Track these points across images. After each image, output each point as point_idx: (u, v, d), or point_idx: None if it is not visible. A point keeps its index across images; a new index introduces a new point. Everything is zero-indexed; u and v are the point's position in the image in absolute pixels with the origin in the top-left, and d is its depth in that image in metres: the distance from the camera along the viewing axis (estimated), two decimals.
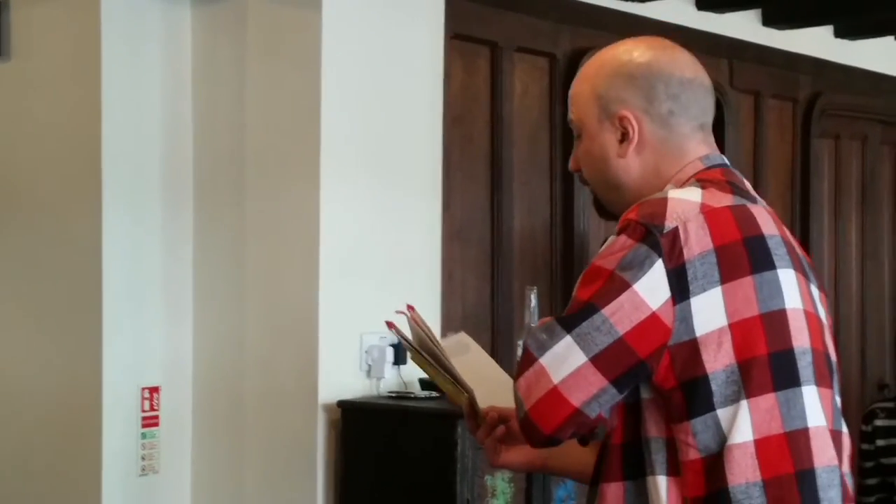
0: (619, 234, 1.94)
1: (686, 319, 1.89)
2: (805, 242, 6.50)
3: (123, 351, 4.26)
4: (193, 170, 4.45)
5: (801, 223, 6.51)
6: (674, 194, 1.96)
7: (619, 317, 1.88)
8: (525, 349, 1.96)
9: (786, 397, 1.91)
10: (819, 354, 1.98)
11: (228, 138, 4.39)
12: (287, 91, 4.28)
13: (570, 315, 1.92)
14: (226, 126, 4.39)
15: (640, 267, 1.89)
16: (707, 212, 1.93)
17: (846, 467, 2.00)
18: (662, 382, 1.91)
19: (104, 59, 4.17)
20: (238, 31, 4.36)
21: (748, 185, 2.08)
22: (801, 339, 1.94)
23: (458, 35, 4.70)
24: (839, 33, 6.55)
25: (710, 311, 1.89)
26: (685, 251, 1.89)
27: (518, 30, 5.00)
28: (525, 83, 5.06)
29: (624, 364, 1.89)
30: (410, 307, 2.30)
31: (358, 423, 4.21)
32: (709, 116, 2.12)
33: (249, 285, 4.36)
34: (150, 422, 4.35)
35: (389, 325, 2.33)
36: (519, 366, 1.96)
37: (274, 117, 4.31)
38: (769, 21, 6.11)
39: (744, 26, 6.03)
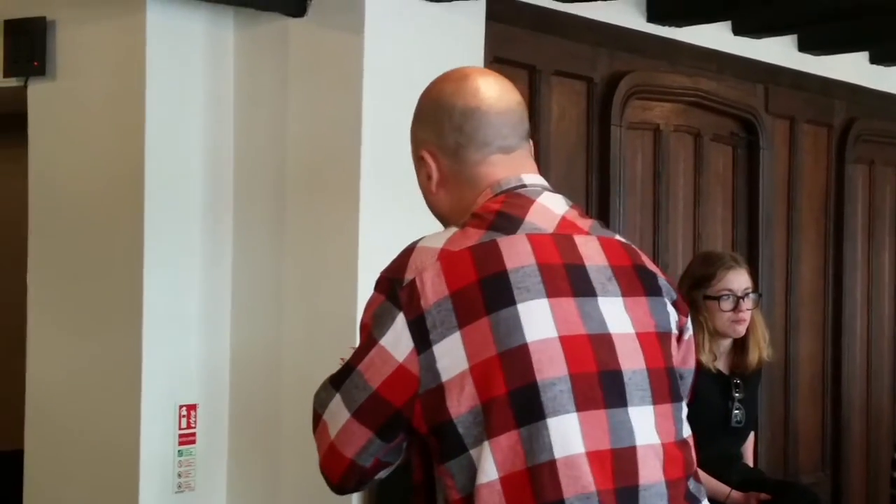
0: (374, 287, 2.04)
1: (431, 367, 1.94)
2: (838, 266, 6.51)
3: (162, 368, 4.28)
4: (234, 189, 4.47)
5: (834, 248, 6.51)
6: (422, 243, 2.03)
7: (372, 372, 1.98)
8: (314, 407, 2.11)
9: (528, 432, 1.92)
10: (586, 378, 1.96)
11: (269, 158, 4.42)
12: (328, 112, 4.31)
13: (337, 373, 2.06)
14: (267, 146, 4.42)
15: (384, 322, 1.98)
16: (443, 257, 1.98)
17: (651, 479, 1.98)
18: (418, 428, 1.98)
19: (148, 78, 4.21)
20: (280, 52, 4.39)
21: (538, 206, 2.07)
22: (550, 370, 1.94)
23: (498, 58, 4.73)
24: (874, 59, 6.56)
25: (451, 357, 1.93)
26: (422, 301, 1.95)
27: (556, 53, 5.03)
28: (563, 106, 5.08)
29: (382, 415, 1.99)
30: (353, 349, 2.39)
31: None
32: (509, 138, 2.12)
33: (288, 304, 4.39)
34: (186, 439, 4.37)
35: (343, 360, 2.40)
36: (312, 422, 2.11)
37: (315, 138, 4.34)
38: (805, 47, 6.13)
39: (779, 52, 6.04)
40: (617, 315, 2.03)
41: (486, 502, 1.91)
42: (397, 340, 1.96)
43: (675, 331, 2.13)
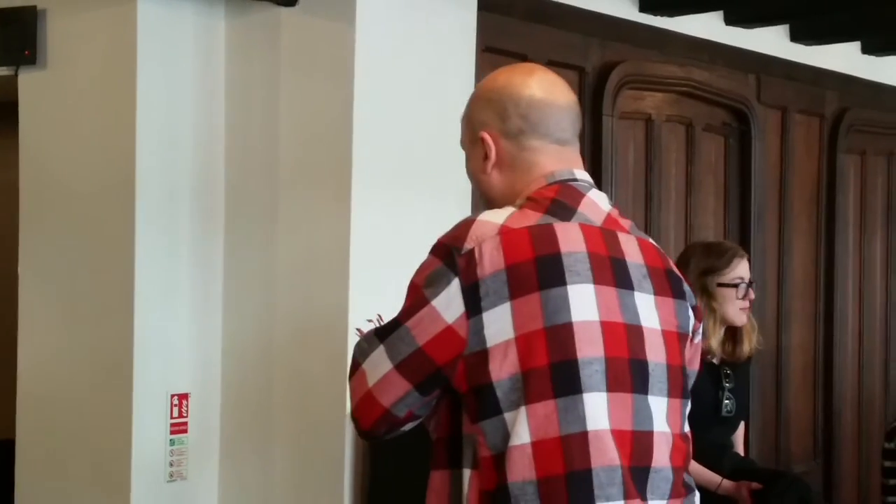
0: (430, 252, 2.20)
1: (479, 332, 2.10)
2: (830, 256, 6.52)
3: (153, 357, 4.29)
4: (225, 179, 4.47)
5: (826, 238, 6.52)
6: (482, 217, 2.19)
7: (419, 330, 2.13)
8: (353, 355, 2.24)
9: (564, 404, 2.09)
10: (618, 362, 2.14)
11: (261, 149, 4.41)
12: (320, 103, 4.30)
13: (384, 327, 2.21)
14: (258, 137, 4.42)
15: (439, 284, 2.14)
16: (504, 233, 2.14)
17: (660, 463, 2.17)
18: (458, 387, 2.14)
19: (139, 67, 4.21)
20: (271, 43, 4.39)
21: (588, 199, 2.25)
22: (589, 350, 2.12)
23: (490, 48, 4.73)
24: (866, 49, 6.57)
25: (499, 325, 2.09)
26: (479, 270, 2.11)
27: (548, 43, 5.02)
28: None
29: (423, 371, 2.14)
30: (379, 316, 2.62)
31: None
32: (566, 132, 2.30)
33: (279, 295, 4.39)
34: (178, 428, 4.38)
35: (360, 332, 2.65)
36: (350, 369, 2.25)
37: (306, 129, 4.33)
38: (797, 37, 6.13)
39: (771, 41, 6.04)
40: (648, 310, 2.21)
41: (516, 463, 2.07)
42: (449, 303, 2.11)
43: (690, 334, 2.33)
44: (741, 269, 4.26)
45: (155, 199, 4.28)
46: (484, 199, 2.36)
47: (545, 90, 2.30)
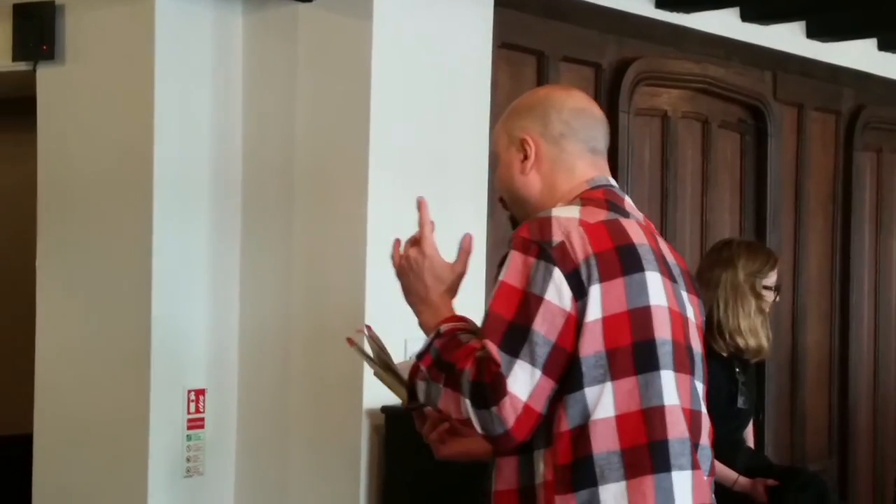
0: (515, 250, 2.29)
1: (583, 312, 2.25)
2: (846, 254, 6.50)
3: (170, 353, 4.29)
4: (242, 175, 4.48)
5: (842, 235, 6.50)
6: (557, 213, 2.33)
7: (547, 327, 2.23)
8: (493, 381, 2.20)
9: (645, 380, 2.28)
10: (679, 346, 2.35)
11: (278, 144, 4.42)
12: (336, 98, 4.31)
13: (507, 341, 2.23)
14: (275, 132, 4.42)
15: (545, 279, 2.25)
16: (585, 225, 2.30)
17: (704, 441, 2.38)
18: None
19: (157, 62, 4.22)
20: (289, 38, 4.39)
21: (627, 202, 2.44)
22: (662, 332, 2.31)
23: (506, 44, 4.73)
24: (883, 46, 6.55)
25: (591, 306, 2.25)
26: (574, 256, 2.26)
27: (564, 39, 5.02)
28: None
29: (562, 364, 2.24)
30: (368, 327, 2.66)
31: (401, 428, 4.22)
32: (599, 143, 2.49)
33: (296, 290, 4.39)
34: (195, 424, 4.38)
35: (349, 341, 2.67)
36: (491, 394, 2.21)
37: (323, 124, 4.34)
38: (813, 33, 6.12)
39: (788, 38, 6.03)
40: (688, 303, 2.43)
41: (601, 435, 2.23)
42: (559, 293, 2.23)
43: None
44: (776, 274, 4.30)
45: (172, 194, 4.29)
46: (517, 201, 2.48)
47: (584, 103, 2.49)
